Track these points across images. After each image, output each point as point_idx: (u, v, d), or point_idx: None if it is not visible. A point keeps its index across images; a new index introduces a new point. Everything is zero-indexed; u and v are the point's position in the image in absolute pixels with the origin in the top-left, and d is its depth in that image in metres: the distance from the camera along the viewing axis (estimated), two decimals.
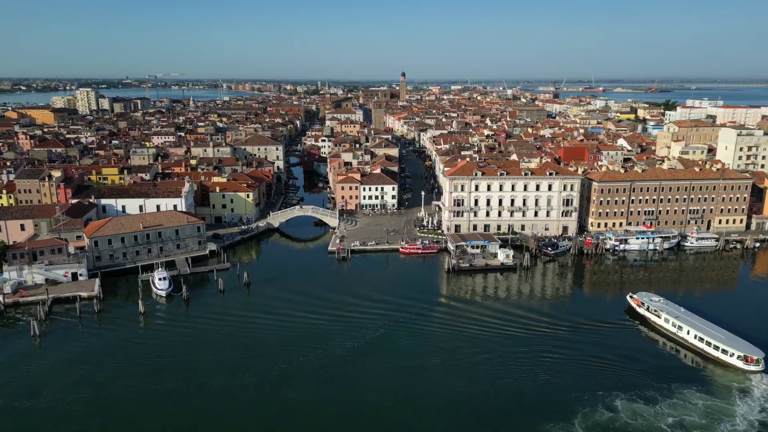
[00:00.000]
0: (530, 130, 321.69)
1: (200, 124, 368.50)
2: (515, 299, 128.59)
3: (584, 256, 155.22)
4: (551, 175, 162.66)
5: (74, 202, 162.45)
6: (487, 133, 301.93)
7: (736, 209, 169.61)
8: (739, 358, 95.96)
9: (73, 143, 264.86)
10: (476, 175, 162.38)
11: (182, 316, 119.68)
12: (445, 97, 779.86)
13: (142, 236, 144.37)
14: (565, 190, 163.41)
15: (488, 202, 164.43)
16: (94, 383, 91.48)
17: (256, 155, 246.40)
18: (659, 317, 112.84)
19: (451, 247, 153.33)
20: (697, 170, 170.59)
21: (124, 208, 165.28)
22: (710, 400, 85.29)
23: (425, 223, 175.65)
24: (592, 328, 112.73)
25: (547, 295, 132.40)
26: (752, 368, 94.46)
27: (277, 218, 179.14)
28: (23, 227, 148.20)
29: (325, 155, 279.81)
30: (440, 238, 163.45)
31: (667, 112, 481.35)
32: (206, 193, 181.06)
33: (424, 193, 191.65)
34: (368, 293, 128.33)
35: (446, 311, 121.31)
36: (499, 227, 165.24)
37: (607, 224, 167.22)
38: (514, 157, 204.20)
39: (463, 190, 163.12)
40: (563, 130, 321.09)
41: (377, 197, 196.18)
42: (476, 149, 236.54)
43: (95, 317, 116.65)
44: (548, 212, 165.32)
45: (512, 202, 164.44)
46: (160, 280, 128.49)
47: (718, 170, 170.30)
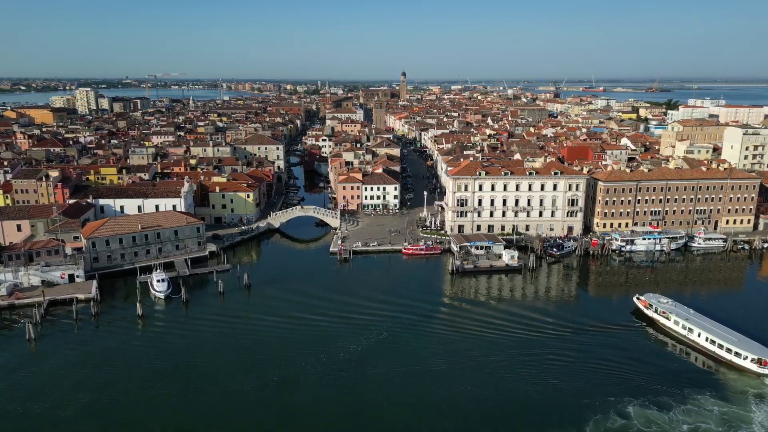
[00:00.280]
0: (532, 129, 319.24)
1: (200, 123, 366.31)
2: (521, 301, 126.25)
3: (590, 257, 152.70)
4: (556, 174, 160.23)
5: (72, 202, 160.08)
6: (489, 132, 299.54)
7: (743, 209, 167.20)
8: (753, 361, 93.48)
9: (71, 143, 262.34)
10: (480, 174, 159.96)
11: (181, 318, 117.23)
12: (445, 96, 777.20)
13: (140, 237, 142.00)
14: (570, 189, 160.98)
15: (492, 202, 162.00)
16: (91, 387, 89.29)
17: (256, 155, 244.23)
18: (668, 319, 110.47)
19: (454, 247, 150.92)
20: (704, 170, 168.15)
21: (122, 208, 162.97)
22: (726, 406, 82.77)
23: (428, 223, 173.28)
24: (599, 330, 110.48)
25: (553, 296, 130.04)
26: (767, 371, 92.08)
27: (277, 218, 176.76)
28: (20, 228, 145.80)
29: (325, 155, 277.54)
30: (443, 238, 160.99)
31: (669, 111, 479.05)
32: (206, 193, 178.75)
33: (426, 193, 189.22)
34: (371, 295, 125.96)
35: (450, 313, 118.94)
36: (503, 228, 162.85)
37: (612, 224, 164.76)
38: (517, 156, 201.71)
39: (466, 189, 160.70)
40: (565, 129, 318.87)
41: (379, 197, 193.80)
42: (479, 149, 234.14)
43: (92, 320, 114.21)
44: (553, 212, 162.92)
45: (516, 202, 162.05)
46: (158, 281, 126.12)
47: (725, 170, 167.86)
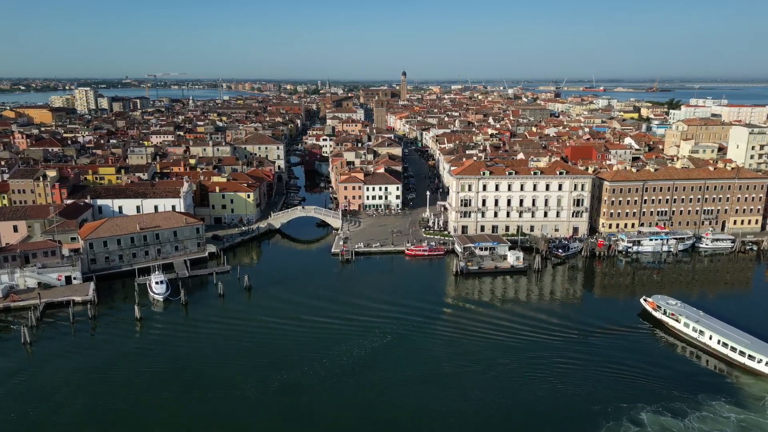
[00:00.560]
0: (534, 129, 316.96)
1: (200, 123, 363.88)
2: (526, 303, 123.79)
3: (596, 258, 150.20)
4: (561, 174, 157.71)
5: (69, 202, 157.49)
6: (491, 132, 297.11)
7: (751, 209, 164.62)
8: (767, 364, 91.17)
9: (70, 142, 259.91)
10: (484, 174, 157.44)
11: (180, 321, 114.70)
12: (446, 96, 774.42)
13: (139, 238, 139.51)
14: (575, 189, 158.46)
15: (496, 202, 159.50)
16: (88, 392, 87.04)
17: (256, 154, 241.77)
18: (678, 321, 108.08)
19: (458, 248, 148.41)
20: (711, 169, 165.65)
21: (120, 208, 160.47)
22: (743, 413, 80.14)
23: (431, 224, 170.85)
24: (606, 332, 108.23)
25: (559, 298, 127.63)
26: None
27: (278, 219, 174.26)
28: (16, 228, 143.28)
29: (326, 154, 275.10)
30: (447, 239, 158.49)
31: (671, 111, 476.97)
32: (205, 193, 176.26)
33: (429, 193, 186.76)
34: (374, 297, 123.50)
35: (455, 315, 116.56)
36: (507, 228, 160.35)
37: (618, 225, 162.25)
38: (520, 156, 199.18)
39: (470, 189, 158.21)
40: (568, 129, 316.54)
41: (381, 197, 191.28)
42: (481, 148, 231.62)
43: (89, 323, 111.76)
44: (558, 213, 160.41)
45: (521, 202, 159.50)
46: (157, 283, 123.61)
47: (733, 169, 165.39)
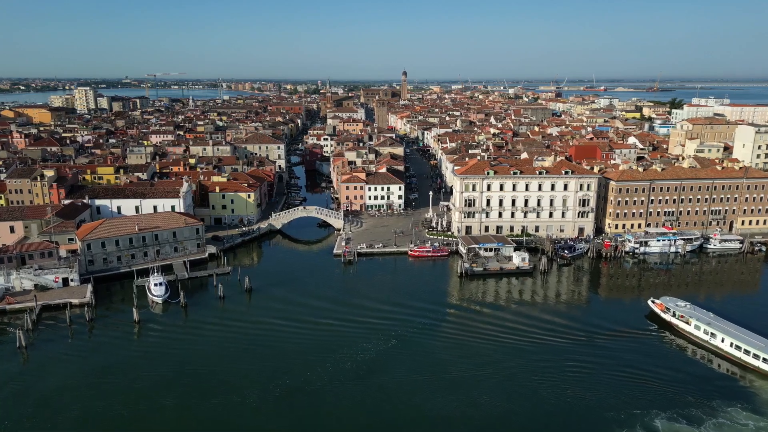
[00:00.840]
0: (537, 128, 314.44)
1: (199, 122, 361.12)
2: (533, 305, 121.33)
3: (602, 259, 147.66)
4: (567, 174, 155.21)
5: (67, 202, 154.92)
6: (493, 131, 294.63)
7: (760, 210, 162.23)
8: None
9: (68, 142, 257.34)
10: (488, 174, 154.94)
11: (180, 324, 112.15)
12: (446, 96, 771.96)
13: (137, 239, 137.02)
14: (581, 189, 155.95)
15: (501, 202, 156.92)
16: (85, 398, 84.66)
17: (256, 154, 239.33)
18: (688, 324, 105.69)
19: (462, 249, 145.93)
20: (719, 169, 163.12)
21: (119, 209, 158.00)
22: (762, 420, 77.54)
23: (434, 224, 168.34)
24: (615, 335, 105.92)
25: (566, 300, 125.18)
26: None
27: (279, 219, 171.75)
28: (13, 229, 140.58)
29: (327, 154, 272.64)
30: (451, 240, 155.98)
31: (673, 110, 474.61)
32: (205, 193, 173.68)
33: (431, 193, 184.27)
34: (377, 299, 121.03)
35: (461, 318, 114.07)
36: (511, 229, 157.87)
37: (624, 225, 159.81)
38: (524, 155, 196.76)
39: (474, 189, 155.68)
40: (570, 128, 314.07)
41: (383, 197, 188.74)
42: (484, 148, 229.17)
43: (86, 326, 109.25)
44: (563, 213, 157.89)
45: (526, 202, 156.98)
46: (156, 285, 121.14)
47: (741, 169, 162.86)
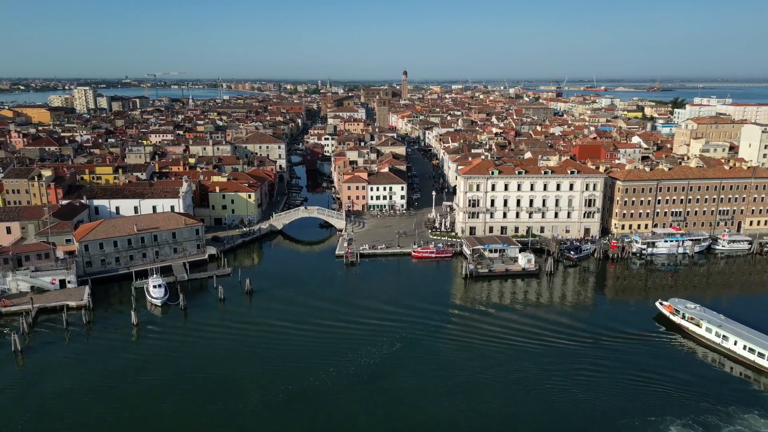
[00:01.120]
0: (539, 128, 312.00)
1: (199, 122, 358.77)
2: (539, 307, 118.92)
3: (609, 260, 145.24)
4: (573, 173, 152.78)
5: (65, 203, 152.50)
6: (495, 131, 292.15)
7: None
8: None
9: (67, 142, 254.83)
10: (493, 173, 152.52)
11: (179, 327, 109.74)
12: (447, 96, 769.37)
13: (136, 240, 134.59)
14: (587, 189, 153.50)
15: (505, 202, 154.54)
16: (83, 403, 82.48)
17: (257, 154, 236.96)
18: (699, 326, 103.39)
19: (467, 250, 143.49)
20: (726, 168, 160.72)
21: (118, 209, 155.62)
22: None
23: (437, 224, 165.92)
24: (623, 337, 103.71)
25: (573, 302, 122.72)
26: None
27: (280, 220, 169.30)
28: (9, 230, 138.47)
29: (328, 154, 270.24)
30: (455, 240, 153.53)
31: (675, 110, 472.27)
32: (205, 193, 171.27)
33: (434, 193, 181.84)
34: (381, 301, 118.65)
35: (466, 321, 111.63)
36: (516, 229, 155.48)
37: (631, 226, 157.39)
38: (528, 155, 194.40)
39: (478, 189, 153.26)
40: (573, 128, 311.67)
41: (385, 197, 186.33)
42: (487, 147, 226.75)
43: (84, 329, 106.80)
44: (569, 213, 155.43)
45: (531, 202, 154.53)
46: (155, 287, 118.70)
47: (749, 168, 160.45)
